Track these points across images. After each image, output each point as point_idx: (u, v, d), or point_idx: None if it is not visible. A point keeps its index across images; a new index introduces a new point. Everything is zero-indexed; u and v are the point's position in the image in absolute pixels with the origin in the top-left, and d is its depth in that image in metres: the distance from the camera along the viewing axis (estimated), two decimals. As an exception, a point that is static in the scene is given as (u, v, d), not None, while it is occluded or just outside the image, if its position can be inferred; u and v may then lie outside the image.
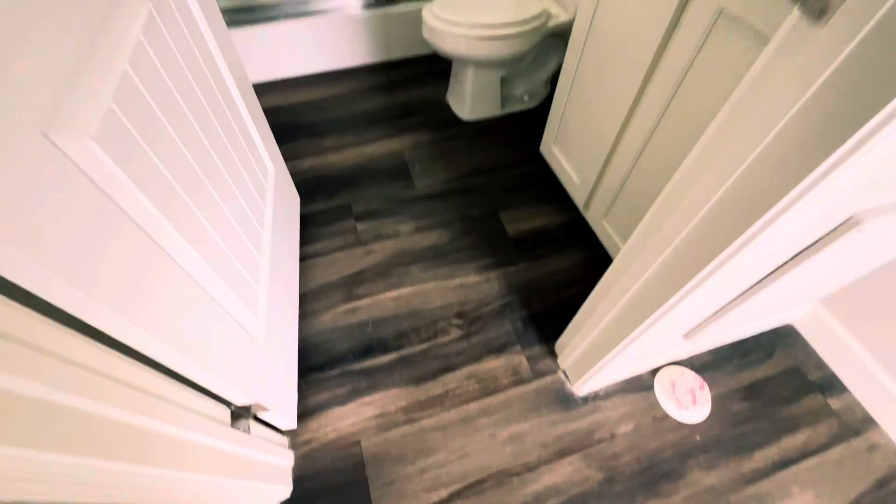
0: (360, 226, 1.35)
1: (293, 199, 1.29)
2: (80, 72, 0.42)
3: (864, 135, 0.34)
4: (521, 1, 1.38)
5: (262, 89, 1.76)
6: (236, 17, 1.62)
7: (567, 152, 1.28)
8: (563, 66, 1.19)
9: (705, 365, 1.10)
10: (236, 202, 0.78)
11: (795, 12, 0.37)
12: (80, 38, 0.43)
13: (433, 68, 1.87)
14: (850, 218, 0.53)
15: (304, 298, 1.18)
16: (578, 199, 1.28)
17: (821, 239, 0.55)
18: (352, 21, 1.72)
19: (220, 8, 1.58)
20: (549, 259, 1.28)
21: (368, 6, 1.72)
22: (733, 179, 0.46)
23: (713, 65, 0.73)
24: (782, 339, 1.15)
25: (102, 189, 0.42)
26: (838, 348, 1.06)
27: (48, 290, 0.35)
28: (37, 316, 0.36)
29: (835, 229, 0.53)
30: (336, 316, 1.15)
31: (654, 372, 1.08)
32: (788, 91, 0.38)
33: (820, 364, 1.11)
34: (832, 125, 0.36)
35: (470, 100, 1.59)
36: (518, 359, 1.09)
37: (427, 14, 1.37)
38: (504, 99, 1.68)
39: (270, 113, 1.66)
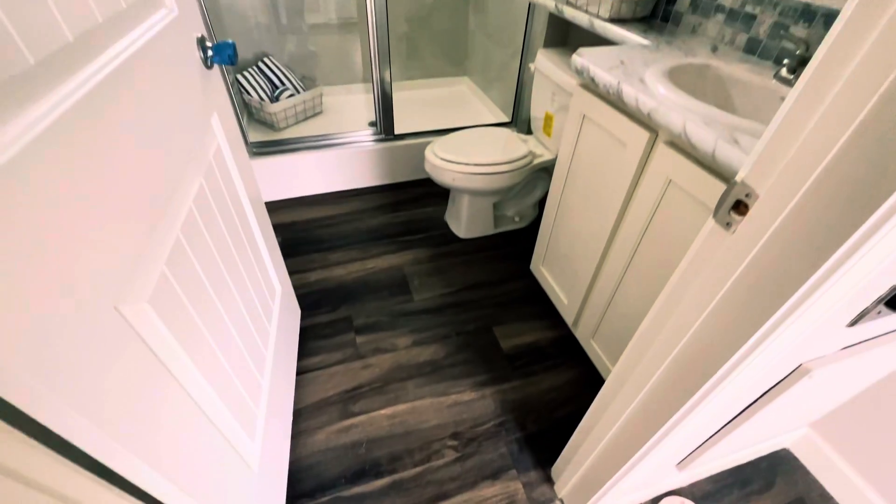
0: (359, 339, 1.40)
1: (295, 315, 1.36)
2: (145, 246, 0.52)
3: (773, 322, 0.43)
4: (509, 143, 1.62)
5: (278, 206, 1.94)
6: (263, 148, 1.86)
7: (555, 273, 1.39)
8: (549, 197, 1.35)
9: (706, 495, 1.07)
10: (246, 328, 0.85)
11: (711, 221, 0.48)
12: (151, 218, 0.54)
13: (433, 190, 2.09)
14: (800, 366, 0.60)
15: (298, 415, 1.19)
16: (567, 317, 1.36)
17: (777, 385, 0.61)
18: (363, 152, 1.97)
19: (251, 142, 1.83)
20: (543, 376, 1.31)
21: (378, 140, 1.99)
22: (688, 337, 0.54)
23: (671, 216, 0.86)
24: (781, 466, 1.13)
25: (148, 345, 0.49)
26: (836, 475, 1.05)
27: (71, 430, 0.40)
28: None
29: (786, 377, 0.59)
30: (330, 435, 1.15)
31: (656, 501, 1.05)
32: (710, 282, 0.47)
33: (824, 495, 1.08)
34: (749, 311, 0.44)
35: (466, 221, 1.76)
36: (514, 486, 1.06)
37: (429, 153, 1.59)
38: (497, 219, 1.85)
39: (285, 228, 1.82)
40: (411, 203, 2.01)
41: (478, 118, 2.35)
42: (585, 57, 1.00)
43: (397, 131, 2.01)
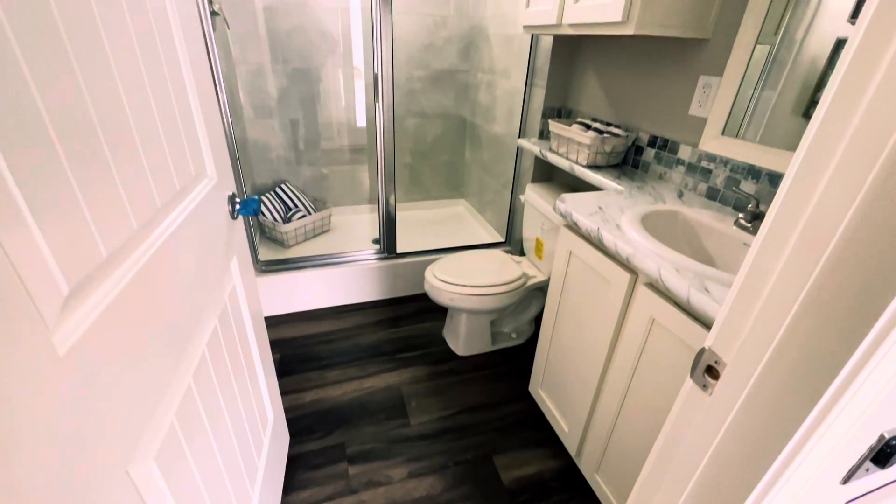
0: (352, 469, 1.32)
1: (283, 442, 1.31)
2: (160, 400, 0.55)
3: (761, 489, 0.44)
4: (504, 265, 1.73)
5: (280, 320, 1.98)
6: (271, 266, 1.97)
7: (554, 398, 1.38)
8: (543, 322, 1.40)
9: None
10: (237, 469, 0.82)
11: (689, 381, 0.52)
12: (170, 369, 0.58)
13: (432, 305, 2.15)
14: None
15: (279, 567, 1.07)
16: (570, 446, 1.31)
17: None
18: (366, 269, 2.08)
19: (260, 260, 1.94)
20: (548, 517, 1.21)
21: (381, 259, 2.11)
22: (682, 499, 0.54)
23: (659, 354, 0.90)
24: None
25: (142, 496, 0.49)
26: None
27: None
28: None
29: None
30: None
31: None
32: (694, 448, 0.50)
33: None
34: (736, 478, 0.46)
35: (464, 339, 1.79)
36: None
37: (429, 274, 1.69)
38: (494, 336, 1.88)
39: (285, 344, 1.83)
40: (410, 318, 2.05)
41: (474, 237, 2.52)
42: (568, 203, 1.14)
43: (399, 250, 2.15)
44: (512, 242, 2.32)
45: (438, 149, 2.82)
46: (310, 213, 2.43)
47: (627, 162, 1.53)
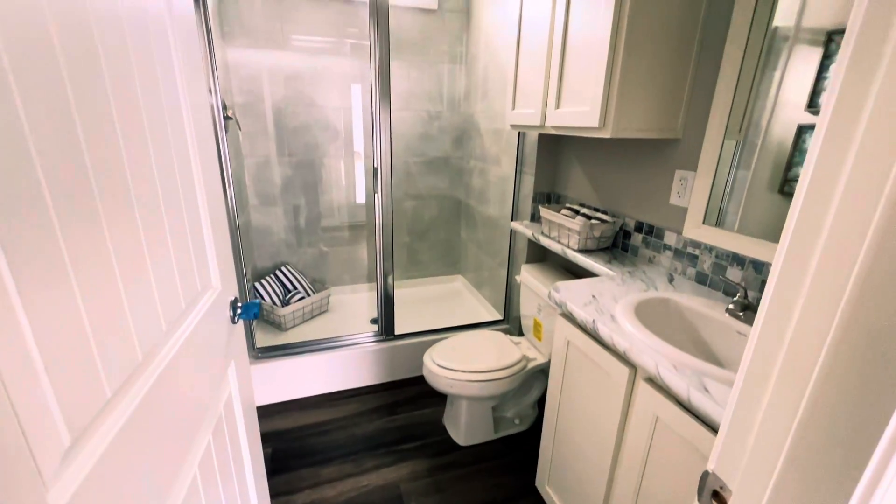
0: (345, 590, 1.19)
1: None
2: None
3: None
4: (503, 348, 1.71)
5: (274, 410, 1.90)
6: (267, 353, 1.94)
7: (564, 497, 1.29)
8: (546, 412, 1.36)
9: None
10: None
11: (696, 502, 0.50)
12: (161, 499, 0.55)
13: (431, 389, 2.09)
14: None
15: None
16: (584, 554, 1.20)
17: None
18: (364, 352, 2.05)
19: (257, 347, 1.92)
20: None
21: (379, 341, 2.09)
22: None
23: (667, 455, 0.86)
24: None
25: None
26: None
27: None
28: None
29: None
30: None
31: None
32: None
33: None
34: None
35: (465, 427, 1.71)
36: None
37: (427, 359, 1.66)
38: (497, 422, 1.80)
39: (278, 437, 1.74)
40: (409, 404, 1.98)
41: (473, 315, 2.52)
42: (563, 293, 1.17)
43: (398, 330, 2.14)
44: (510, 320, 2.32)
45: (435, 228, 2.92)
46: (308, 295, 2.45)
47: (617, 245, 1.59)
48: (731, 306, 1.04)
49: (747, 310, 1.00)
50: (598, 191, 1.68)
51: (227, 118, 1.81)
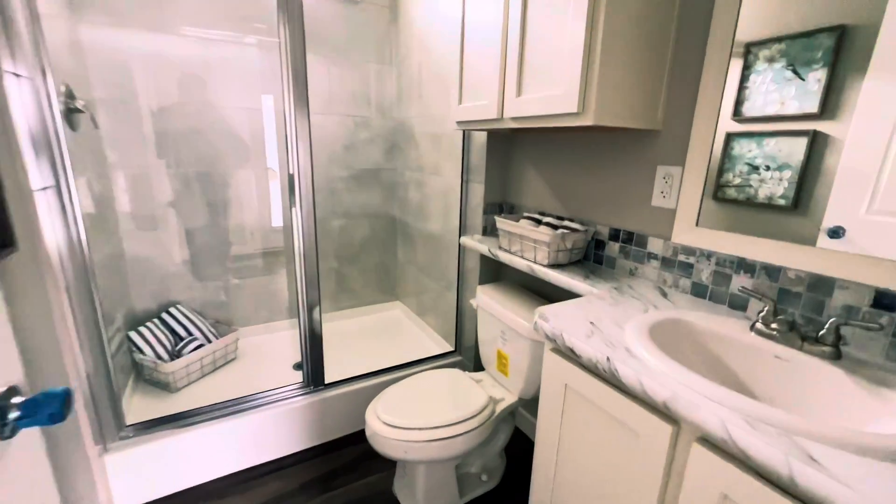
0: None
1: None
2: None
3: None
4: (464, 390, 1.39)
5: (153, 512, 1.37)
6: (144, 431, 1.40)
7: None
8: (534, 487, 1.06)
9: None
10: None
11: None
12: None
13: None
14: None
15: None
16: None
17: None
18: (286, 411, 1.59)
19: (127, 425, 1.38)
20: None
21: (305, 394, 1.65)
22: None
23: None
24: None
25: None
26: None
27: None
28: None
29: None
30: None
31: None
32: None
33: None
34: None
35: (424, 499, 1.35)
36: None
37: (371, 416, 1.29)
38: (461, 482, 1.46)
39: (155, 557, 1.22)
40: (349, 471, 1.56)
41: (419, 348, 2.18)
42: (553, 321, 0.89)
43: (328, 377, 1.72)
44: (463, 351, 2.02)
45: (367, 250, 2.55)
46: (209, 341, 1.93)
47: (589, 258, 1.38)
48: (758, 325, 0.85)
49: (780, 327, 0.80)
50: (560, 197, 1.48)
51: (73, 110, 1.32)
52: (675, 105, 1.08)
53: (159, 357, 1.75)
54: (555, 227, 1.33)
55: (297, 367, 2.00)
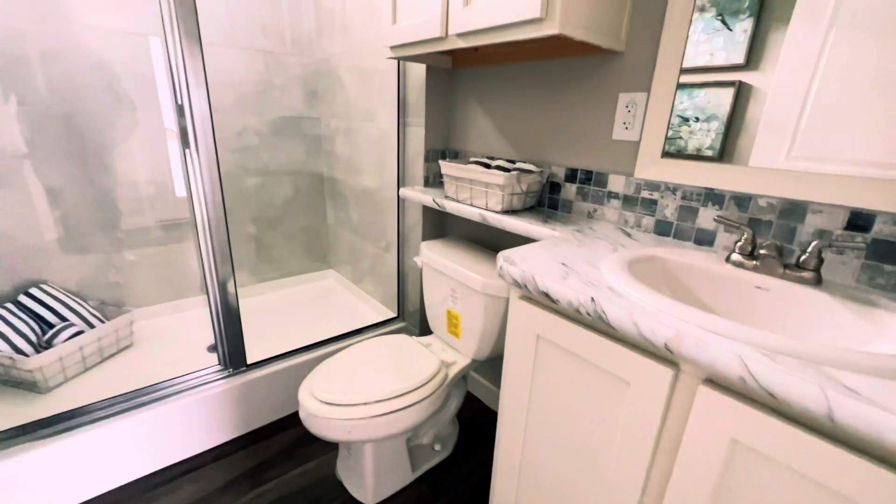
0: None
1: None
2: None
3: None
4: (413, 359, 1.24)
5: (22, 544, 1.07)
6: (15, 441, 1.08)
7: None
8: (498, 451, 0.95)
9: None
10: None
11: None
12: None
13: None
14: None
15: None
16: None
17: None
18: (201, 400, 1.33)
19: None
20: None
21: (224, 378, 1.40)
22: None
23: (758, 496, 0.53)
24: None
25: None
26: None
27: None
28: None
29: None
30: None
31: None
32: None
33: None
34: None
35: (373, 479, 1.20)
36: None
37: (304, 395, 1.09)
38: (413, 455, 1.34)
39: None
40: (283, 460, 1.36)
41: (357, 318, 1.98)
42: (521, 265, 0.76)
43: (252, 358, 1.47)
44: (407, 316, 1.86)
45: (291, 213, 2.25)
46: (92, 326, 1.56)
47: (543, 203, 1.27)
48: (735, 256, 0.78)
49: (768, 253, 0.74)
50: (511, 138, 1.33)
51: None
52: (641, 21, 0.96)
53: (18, 350, 1.37)
54: (506, 171, 1.19)
55: (213, 349, 1.71)
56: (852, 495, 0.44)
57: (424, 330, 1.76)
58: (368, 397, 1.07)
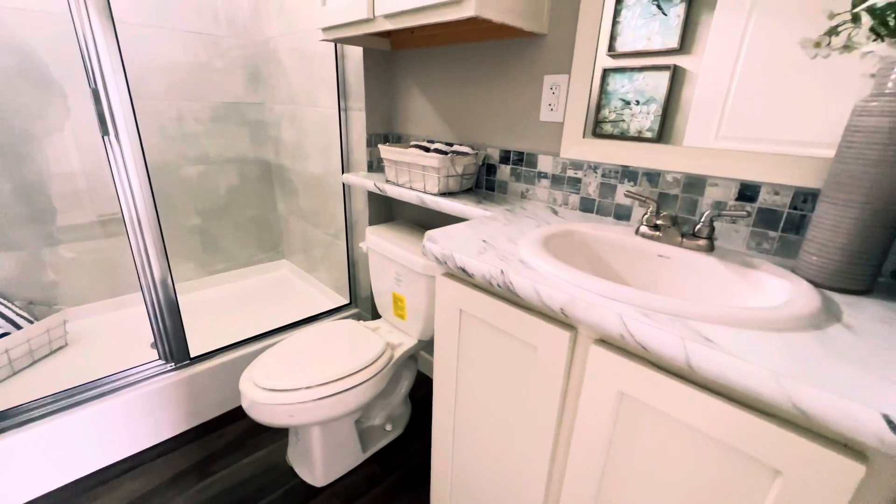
0: None
1: None
2: None
3: None
4: (357, 340, 1.26)
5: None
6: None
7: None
8: (435, 421, 0.99)
9: None
10: None
11: None
12: None
13: (264, 418, 1.49)
14: None
15: None
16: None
17: None
18: (142, 395, 1.30)
19: None
20: None
21: (166, 372, 1.36)
22: None
23: (646, 446, 0.59)
24: None
25: None
26: None
27: None
28: None
29: None
30: None
31: None
32: None
33: None
34: None
35: (322, 462, 1.22)
36: None
37: (245, 384, 1.09)
38: (363, 436, 1.37)
39: None
40: (231, 451, 1.35)
41: (309, 306, 1.97)
42: (443, 242, 0.78)
43: (194, 351, 1.44)
44: (359, 302, 1.87)
45: (239, 202, 2.18)
46: (18, 328, 1.48)
47: (481, 185, 1.30)
48: (642, 228, 0.84)
49: (664, 223, 0.80)
50: (449, 121, 1.35)
51: None
52: (561, 3, 0.99)
53: (-66, 356, 1.28)
54: (443, 153, 1.21)
55: (154, 345, 1.66)
56: (710, 432, 0.49)
57: (376, 315, 1.78)
58: (311, 381, 1.08)
